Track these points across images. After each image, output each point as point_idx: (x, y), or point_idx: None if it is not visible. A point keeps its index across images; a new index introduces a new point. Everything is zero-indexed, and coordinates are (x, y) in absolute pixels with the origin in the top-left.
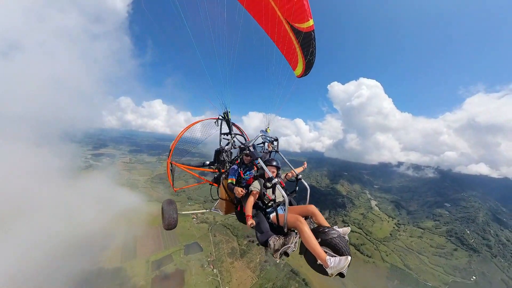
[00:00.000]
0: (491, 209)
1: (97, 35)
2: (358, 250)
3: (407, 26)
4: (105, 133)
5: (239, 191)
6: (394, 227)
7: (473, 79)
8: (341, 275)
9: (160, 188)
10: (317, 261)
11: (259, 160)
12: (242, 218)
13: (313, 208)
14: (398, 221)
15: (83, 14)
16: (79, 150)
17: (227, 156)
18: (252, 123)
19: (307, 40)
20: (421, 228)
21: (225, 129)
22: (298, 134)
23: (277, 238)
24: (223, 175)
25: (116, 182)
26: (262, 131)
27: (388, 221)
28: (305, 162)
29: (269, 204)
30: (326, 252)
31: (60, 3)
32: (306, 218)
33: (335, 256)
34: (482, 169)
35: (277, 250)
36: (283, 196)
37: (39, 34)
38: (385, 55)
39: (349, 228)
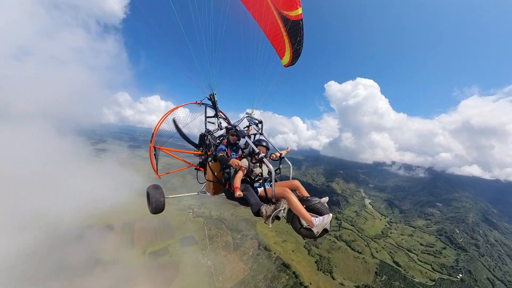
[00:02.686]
0: (482, 210)
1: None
2: (349, 246)
3: (405, 27)
4: (104, 128)
5: (236, 162)
6: (386, 225)
7: (468, 80)
8: (325, 231)
9: (159, 183)
10: (302, 226)
11: (246, 138)
12: (230, 195)
13: (297, 183)
14: (391, 219)
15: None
16: (84, 143)
17: (212, 138)
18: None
19: (295, 29)
20: (412, 227)
21: (209, 113)
22: (296, 132)
23: (268, 205)
24: (210, 158)
25: (115, 177)
26: (247, 113)
27: (381, 219)
28: (288, 147)
29: (256, 180)
30: (311, 215)
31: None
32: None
33: (319, 216)
34: (475, 170)
35: (269, 215)
36: (269, 170)
37: (51, 47)
38: (384, 55)
39: (327, 198)
